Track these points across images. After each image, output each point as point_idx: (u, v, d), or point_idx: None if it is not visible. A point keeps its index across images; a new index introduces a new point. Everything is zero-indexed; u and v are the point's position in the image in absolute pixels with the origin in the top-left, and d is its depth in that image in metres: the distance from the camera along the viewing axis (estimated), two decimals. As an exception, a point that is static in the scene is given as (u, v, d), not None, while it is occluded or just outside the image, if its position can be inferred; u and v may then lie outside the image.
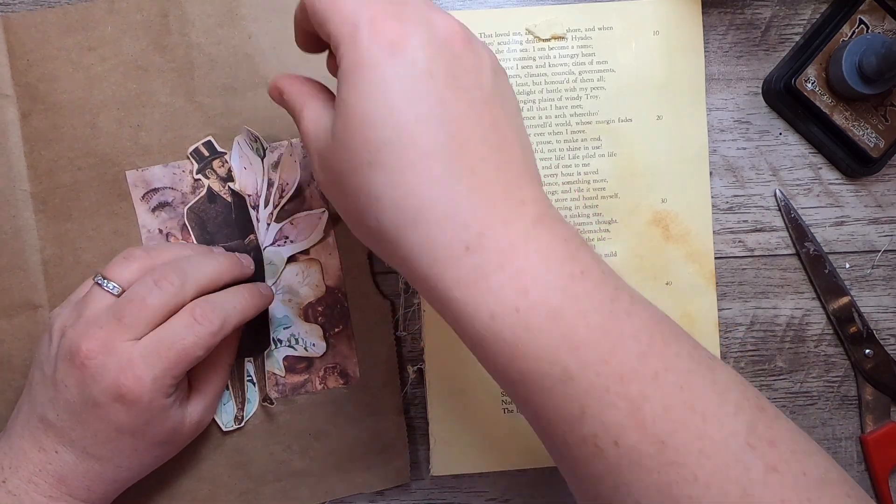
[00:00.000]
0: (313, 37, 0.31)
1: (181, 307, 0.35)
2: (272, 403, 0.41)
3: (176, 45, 0.41)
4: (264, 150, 0.41)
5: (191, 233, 0.41)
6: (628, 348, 0.25)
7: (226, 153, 0.41)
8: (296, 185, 0.41)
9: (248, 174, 0.40)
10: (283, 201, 0.41)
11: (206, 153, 0.41)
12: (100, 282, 0.36)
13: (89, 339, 0.33)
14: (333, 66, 0.32)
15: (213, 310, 0.35)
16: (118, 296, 0.36)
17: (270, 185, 0.41)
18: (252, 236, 0.41)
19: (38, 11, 0.41)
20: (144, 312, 0.34)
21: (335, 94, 0.27)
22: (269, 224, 0.41)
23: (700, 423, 0.24)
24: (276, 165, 0.41)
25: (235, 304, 0.37)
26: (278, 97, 0.32)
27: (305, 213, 0.41)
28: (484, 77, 0.27)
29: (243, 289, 0.38)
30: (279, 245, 0.42)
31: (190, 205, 0.41)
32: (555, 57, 0.42)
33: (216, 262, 0.38)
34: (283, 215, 0.41)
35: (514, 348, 0.25)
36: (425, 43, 0.25)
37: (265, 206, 0.41)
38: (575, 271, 0.26)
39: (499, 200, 0.26)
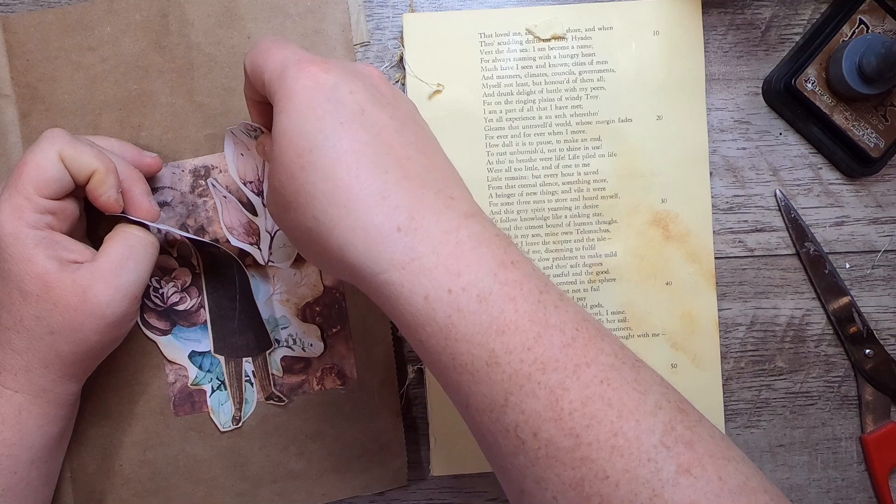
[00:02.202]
0: (264, 106, 0.35)
1: None
2: (281, 400, 0.41)
3: (175, 46, 0.41)
4: (262, 132, 0.40)
5: (190, 232, 0.41)
6: (553, 338, 0.26)
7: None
8: None
9: (245, 160, 0.39)
10: None
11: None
12: None
13: None
14: (261, 150, 0.36)
15: (50, 128, 0.35)
16: None
17: None
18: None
19: (37, 12, 0.41)
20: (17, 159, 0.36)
21: None
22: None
23: (615, 418, 0.24)
24: None
25: (95, 140, 0.37)
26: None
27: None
28: (403, 105, 0.30)
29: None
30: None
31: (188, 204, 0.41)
32: (555, 57, 0.42)
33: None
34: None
35: (446, 330, 0.26)
36: (345, 73, 0.29)
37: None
38: (506, 260, 0.27)
39: (428, 192, 0.27)
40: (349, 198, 0.27)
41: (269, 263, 0.41)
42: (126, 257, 0.36)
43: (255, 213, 0.41)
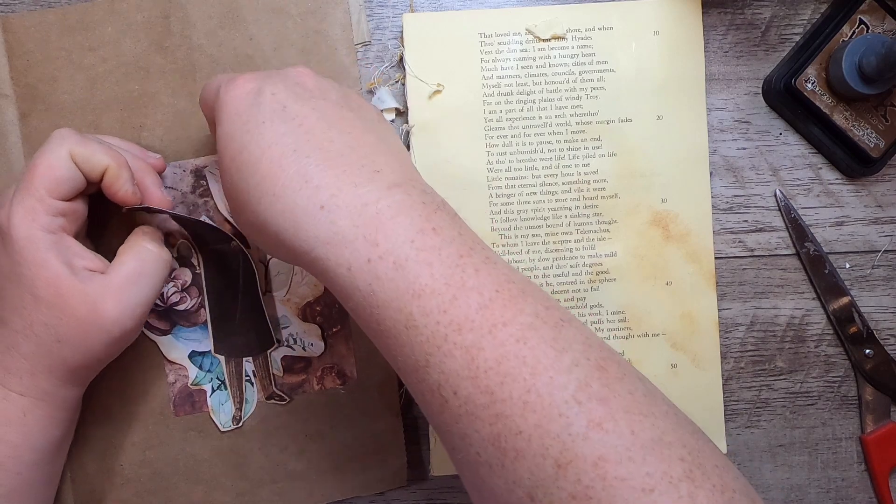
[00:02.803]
0: None
1: None
2: (283, 399, 0.41)
3: (177, 47, 0.41)
4: None
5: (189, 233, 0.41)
6: (469, 300, 0.27)
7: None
8: None
9: None
10: None
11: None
12: None
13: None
14: None
15: (58, 129, 0.36)
16: None
17: None
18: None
19: (37, 12, 0.41)
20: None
21: None
22: None
23: (529, 375, 0.25)
24: None
25: (101, 138, 0.37)
26: None
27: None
28: (331, 95, 0.32)
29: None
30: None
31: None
32: (555, 57, 0.42)
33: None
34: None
35: (369, 298, 0.27)
36: (268, 78, 0.31)
37: None
38: (426, 227, 0.28)
39: (350, 168, 0.29)
40: (275, 185, 0.29)
41: (267, 293, 0.41)
42: (138, 273, 0.36)
43: (247, 246, 0.41)
